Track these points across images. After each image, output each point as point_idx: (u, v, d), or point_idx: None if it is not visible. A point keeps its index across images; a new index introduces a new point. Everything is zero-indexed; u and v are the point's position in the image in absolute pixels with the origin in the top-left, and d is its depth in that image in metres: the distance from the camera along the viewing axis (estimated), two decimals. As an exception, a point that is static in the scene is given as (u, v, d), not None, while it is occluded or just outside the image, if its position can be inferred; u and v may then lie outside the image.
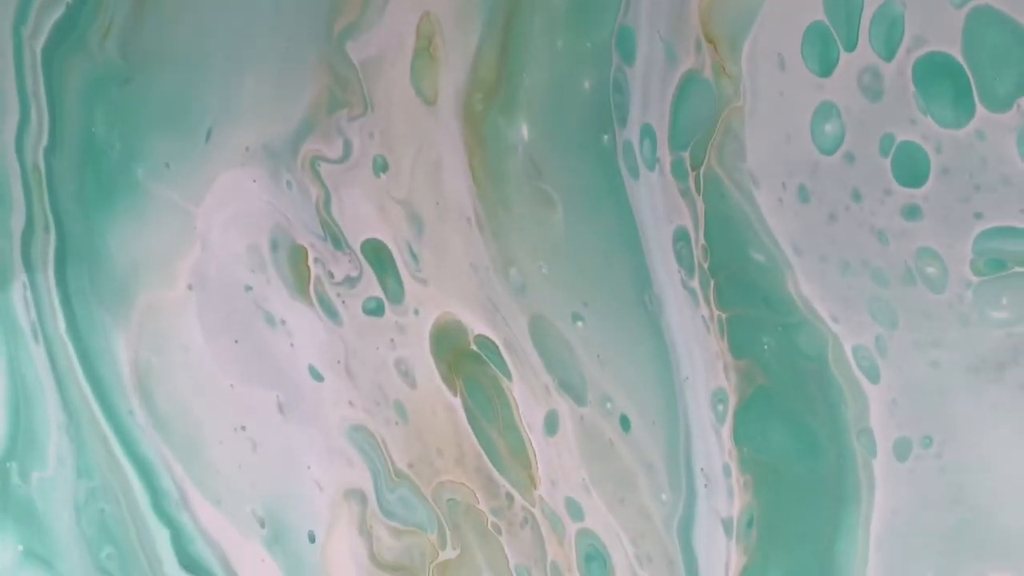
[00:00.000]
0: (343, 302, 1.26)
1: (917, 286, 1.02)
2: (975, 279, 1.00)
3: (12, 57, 1.34)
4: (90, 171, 1.35)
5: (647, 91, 1.09)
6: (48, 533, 1.38)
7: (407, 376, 1.24)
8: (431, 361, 1.23)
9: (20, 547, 1.39)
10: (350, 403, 1.26)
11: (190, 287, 1.31)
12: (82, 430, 1.35)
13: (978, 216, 0.99)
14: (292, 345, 1.27)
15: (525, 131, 1.16)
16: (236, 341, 1.30)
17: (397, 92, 1.21)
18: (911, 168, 1.00)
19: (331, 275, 1.26)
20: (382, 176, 1.23)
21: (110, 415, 1.34)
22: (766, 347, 1.08)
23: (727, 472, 1.11)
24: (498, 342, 1.20)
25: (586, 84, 1.12)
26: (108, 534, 1.36)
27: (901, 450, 1.04)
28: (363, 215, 1.24)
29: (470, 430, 1.22)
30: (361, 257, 1.25)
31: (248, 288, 1.29)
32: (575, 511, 1.18)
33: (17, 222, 1.36)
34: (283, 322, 1.28)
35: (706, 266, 1.10)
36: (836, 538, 1.07)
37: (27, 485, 1.38)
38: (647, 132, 1.10)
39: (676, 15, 1.07)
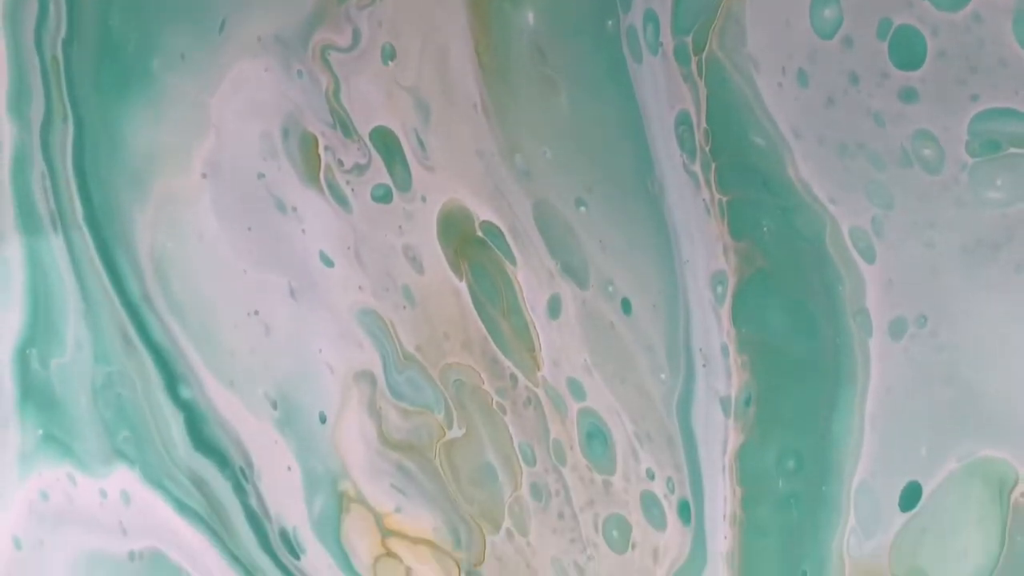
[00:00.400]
0: (352, 189, 1.27)
1: (913, 168, 1.03)
2: (970, 160, 1.01)
3: (30, -50, 1.35)
4: (107, 62, 1.36)
5: (650, -24, 1.10)
6: (67, 417, 1.40)
7: (415, 262, 1.26)
8: (438, 247, 1.25)
9: (40, 431, 1.41)
10: (359, 288, 1.28)
11: (204, 175, 1.33)
12: (99, 316, 1.37)
13: (974, 98, 1.00)
14: (303, 231, 1.29)
15: (531, 17, 1.17)
16: (249, 228, 1.31)
17: (405, -20, 1.22)
18: (908, 51, 1.00)
19: (340, 163, 1.27)
20: (390, 64, 1.24)
21: (127, 301, 1.36)
22: (765, 229, 1.10)
23: (725, 352, 1.12)
24: (503, 228, 1.21)
25: (590, -31, 1.13)
26: (124, 417, 1.38)
27: (896, 329, 1.06)
28: (371, 103, 1.25)
29: (476, 314, 1.24)
30: (369, 144, 1.26)
31: (261, 176, 1.30)
32: (577, 391, 1.21)
33: (36, 113, 1.38)
34: (294, 209, 1.29)
35: (707, 150, 1.11)
36: (832, 416, 1.09)
37: (46, 371, 1.40)
38: (650, 17, 1.11)
39: (678, -102, 1.08)
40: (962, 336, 1.04)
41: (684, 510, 1.17)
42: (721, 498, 1.15)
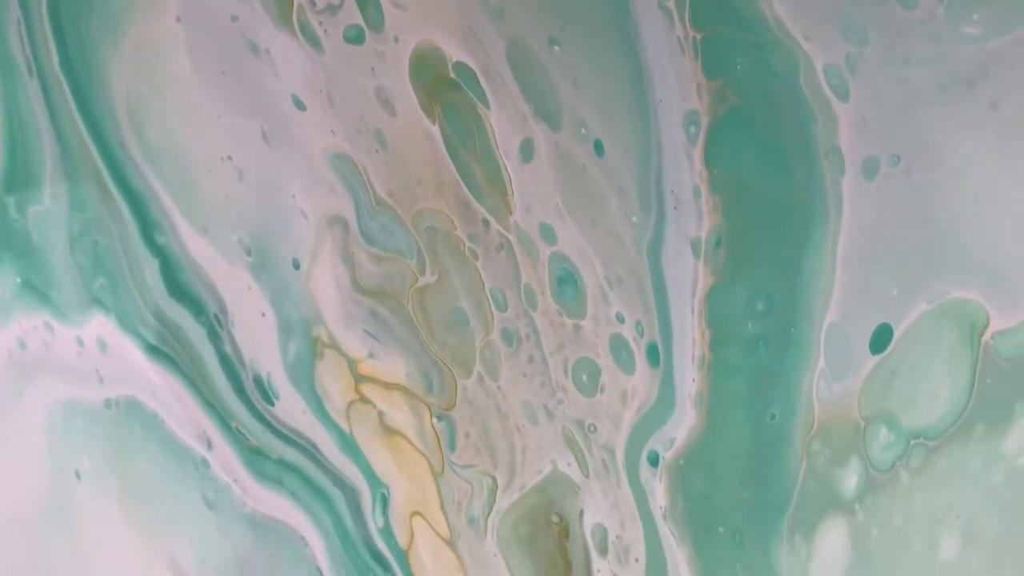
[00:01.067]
0: (325, 31, 1.25)
1: (888, 3, 1.01)
2: (948, -6, 0.99)
3: None
4: (81, -95, 1.34)
5: None
6: (44, 265, 1.40)
7: (387, 105, 1.24)
8: (410, 89, 1.23)
9: (18, 279, 1.41)
10: (332, 132, 1.27)
11: (179, 19, 1.31)
12: (76, 164, 1.37)
13: (953, -70, 0.98)
14: (276, 75, 1.27)
15: None
16: (223, 72, 1.30)
17: None
18: None
19: (313, 3, 1.25)
20: (362, -100, 1.22)
21: (103, 148, 1.35)
22: (738, 67, 1.08)
23: (697, 194, 1.11)
24: (476, 69, 1.19)
25: None
26: (101, 265, 1.38)
27: (869, 168, 1.04)
28: (344, -60, 1.23)
29: (448, 158, 1.23)
30: (342, -16, 1.24)
31: (234, 18, 1.28)
32: (548, 235, 1.19)
33: (11, -41, 1.37)
34: (267, 52, 1.27)
35: (682, -15, 1.09)
36: (803, 257, 1.08)
37: (24, 219, 1.40)
38: None
39: None
40: (936, 175, 1.02)
41: (653, 353, 1.16)
42: (690, 341, 1.14)
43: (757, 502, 1.14)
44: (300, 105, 1.27)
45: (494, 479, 1.29)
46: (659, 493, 1.19)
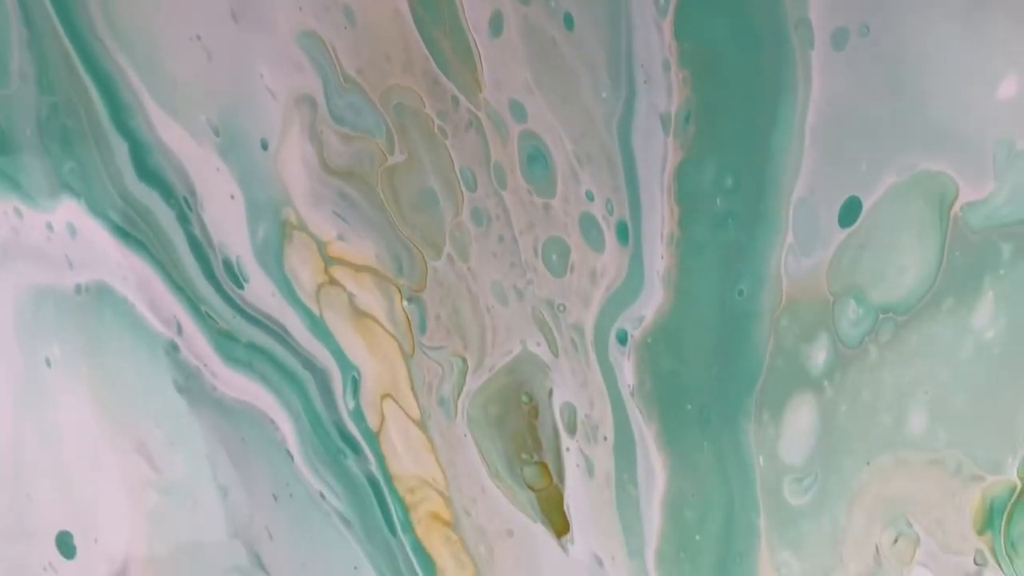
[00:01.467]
0: (292, -95, 1.23)
1: None
2: None
3: None
4: None
5: None
6: (12, 151, 1.39)
7: (356, -20, 1.22)
8: (379, -36, 1.21)
9: (-14, 166, 1.40)
10: (300, 8, 1.24)
11: None
12: (44, 46, 1.35)
13: None
14: (244, -49, 1.26)
15: None
16: (190, -50, 1.28)
17: None
18: None
19: None
20: None
21: (71, 30, 1.33)
22: (708, -63, 1.06)
23: (667, 68, 1.09)
24: (445, -59, 1.18)
25: None
26: (70, 149, 1.36)
27: (838, 39, 1.02)
28: None
29: (417, 33, 1.21)
30: None
31: None
32: (518, 112, 1.18)
33: None
34: (234, -72, 1.26)
35: None
36: (772, 130, 1.07)
37: (-9, 103, 1.39)
38: None
39: None
40: (905, 46, 1.01)
41: (622, 231, 1.15)
42: (659, 218, 1.13)
43: (725, 379, 1.14)
44: (268, -18, 1.25)
45: (464, 360, 1.28)
46: (627, 371, 1.19)
